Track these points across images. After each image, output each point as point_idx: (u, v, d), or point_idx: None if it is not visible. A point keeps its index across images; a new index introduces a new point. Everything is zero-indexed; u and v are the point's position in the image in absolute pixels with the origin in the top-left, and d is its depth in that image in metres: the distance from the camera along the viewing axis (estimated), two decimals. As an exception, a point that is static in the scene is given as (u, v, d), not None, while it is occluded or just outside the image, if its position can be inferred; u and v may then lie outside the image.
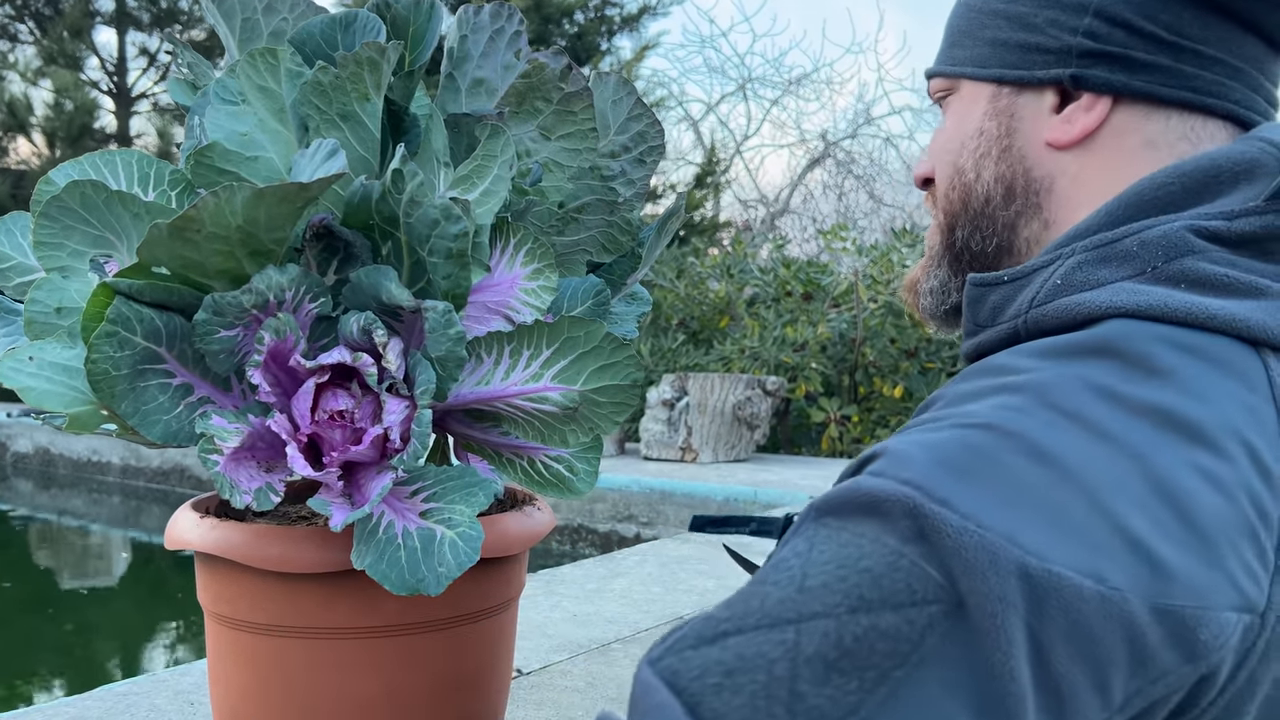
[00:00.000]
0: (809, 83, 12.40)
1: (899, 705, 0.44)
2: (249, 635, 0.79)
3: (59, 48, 9.47)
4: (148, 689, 1.35)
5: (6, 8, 9.85)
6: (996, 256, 0.75)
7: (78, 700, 1.31)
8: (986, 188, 0.73)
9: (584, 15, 10.95)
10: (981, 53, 0.73)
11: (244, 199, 0.61)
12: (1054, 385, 0.52)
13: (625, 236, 0.93)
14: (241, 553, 0.76)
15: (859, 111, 12.23)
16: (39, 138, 9.36)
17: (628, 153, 0.91)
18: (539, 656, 1.62)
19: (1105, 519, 0.47)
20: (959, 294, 0.77)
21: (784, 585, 0.48)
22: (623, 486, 4.31)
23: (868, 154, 12.35)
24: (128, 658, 3.63)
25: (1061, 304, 0.60)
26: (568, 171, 0.87)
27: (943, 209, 0.77)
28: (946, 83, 0.76)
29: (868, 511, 0.49)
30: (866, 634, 0.45)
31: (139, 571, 4.63)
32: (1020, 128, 0.72)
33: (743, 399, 4.97)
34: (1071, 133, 0.69)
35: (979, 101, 0.73)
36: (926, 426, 0.53)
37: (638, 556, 2.44)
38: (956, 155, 0.75)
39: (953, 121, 0.76)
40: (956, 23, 0.76)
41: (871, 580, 0.46)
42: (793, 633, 0.46)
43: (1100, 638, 0.45)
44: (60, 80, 9.08)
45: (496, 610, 0.83)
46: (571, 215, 0.90)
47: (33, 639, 3.69)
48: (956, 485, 0.48)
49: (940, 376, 5.41)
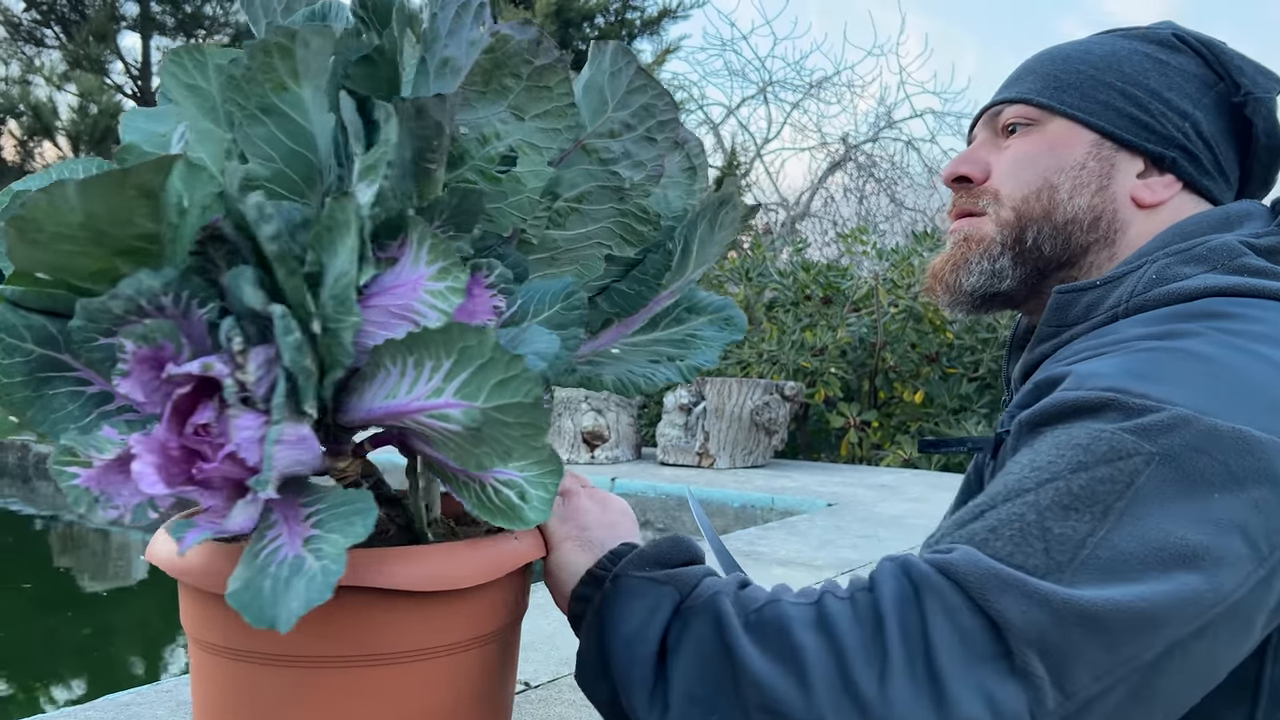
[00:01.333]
0: (830, 86, 12.34)
1: (1124, 523, 0.61)
2: (220, 660, 0.75)
3: (84, 52, 9.56)
4: (151, 699, 1.34)
5: (33, 12, 9.95)
6: (1058, 266, 0.93)
7: (79, 710, 1.30)
8: (1077, 210, 0.92)
9: (604, 19, 10.97)
10: (1093, 107, 0.92)
11: (76, 193, 0.56)
12: (1186, 330, 0.73)
13: (645, 226, 0.84)
14: (196, 575, 0.72)
15: (880, 115, 12.17)
16: (64, 141, 9.45)
17: (630, 131, 0.81)
18: (548, 669, 1.59)
19: (1265, 396, 0.66)
20: (1011, 283, 0.94)
21: (1018, 473, 0.66)
22: (639, 492, 4.28)
23: (889, 157, 12.29)
24: (145, 661, 3.64)
25: (1160, 291, 0.81)
26: (546, 154, 0.78)
27: (1015, 208, 0.93)
28: (1037, 113, 0.94)
29: (1075, 413, 0.68)
30: (1089, 483, 0.63)
31: (158, 574, 4.65)
32: (1117, 177, 0.92)
33: (760, 404, 4.93)
34: (1152, 198, 0.91)
35: (1079, 141, 0.92)
36: (1092, 359, 0.74)
37: (651, 565, 2.41)
38: (1050, 173, 0.92)
39: (1039, 145, 0.93)
40: (1059, 74, 0.94)
41: (1084, 450, 0.64)
42: (1032, 495, 0.64)
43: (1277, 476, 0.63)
44: (85, 84, 9.16)
45: (489, 639, 0.79)
46: (571, 205, 0.82)
47: (52, 641, 3.71)
48: (1147, 384, 0.67)
49: (961, 382, 5.35)
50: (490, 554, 0.78)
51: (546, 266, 0.84)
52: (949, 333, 5.54)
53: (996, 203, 0.95)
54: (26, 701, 3.18)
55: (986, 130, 0.99)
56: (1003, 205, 0.94)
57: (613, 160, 0.82)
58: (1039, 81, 0.95)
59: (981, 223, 0.95)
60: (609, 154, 0.81)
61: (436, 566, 0.75)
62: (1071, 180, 0.92)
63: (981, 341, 5.51)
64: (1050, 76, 0.94)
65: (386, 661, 0.74)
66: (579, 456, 5.01)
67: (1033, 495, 0.64)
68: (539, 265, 0.84)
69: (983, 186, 0.96)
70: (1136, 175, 0.92)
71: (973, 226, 0.96)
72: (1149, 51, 0.93)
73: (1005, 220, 0.94)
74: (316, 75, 0.69)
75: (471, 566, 0.77)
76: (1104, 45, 0.95)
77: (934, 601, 0.61)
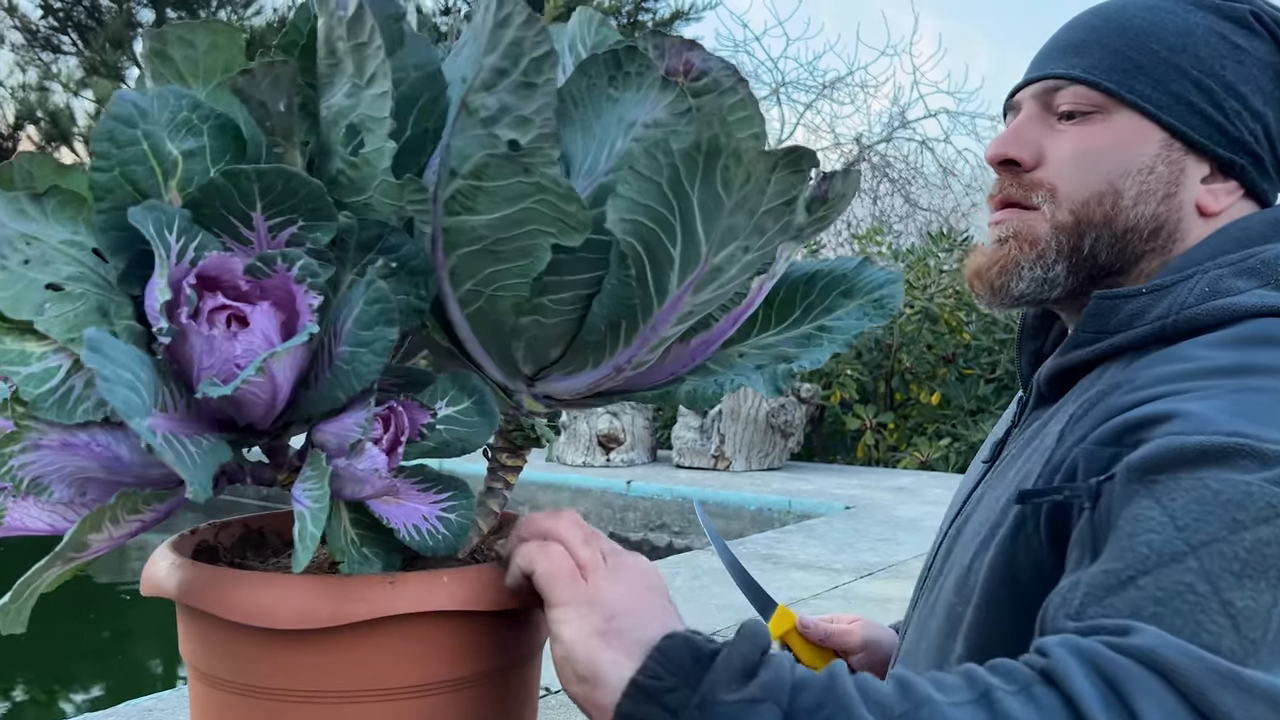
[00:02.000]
0: (843, 86, 12.33)
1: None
2: (227, 694, 0.73)
3: (100, 58, 9.64)
4: (172, 704, 1.34)
5: (50, 19, 10.04)
6: (1108, 274, 0.86)
7: (102, 716, 1.31)
8: (1139, 219, 0.83)
9: (617, 21, 10.98)
10: (1166, 100, 0.82)
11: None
12: (1266, 365, 0.68)
13: (569, 204, 0.65)
14: (209, 600, 0.70)
15: (894, 115, 12.14)
16: (81, 147, 9.53)
17: (504, 77, 0.63)
18: (568, 673, 1.59)
19: None
20: (1061, 291, 0.86)
21: (1159, 532, 0.59)
22: (655, 495, 4.27)
23: (903, 157, 12.25)
24: (165, 664, 3.65)
25: (1213, 307, 0.75)
26: (384, 126, 0.64)
27: (1074, 212, 0.84)
28: (1103, 99, 0.83)
29: (1201, 460, 0.61)
30: (1254, 545, 0.57)
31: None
32: (1185, 183, 0.83)
33: (776, 406, 4.92)
34: (1216, 206, 0.84)
35: (1149, 140, 0.83)
36: (1189, 396, 0.67)
37: (669, 569, 2.41)
38: (1116, 175, 0.83)
39: (1105, 140, 0.83)
40: (1128, 53, 0.83)
41: (1236, 506, 0.58)
42: (1194, 561, 0.57)
43: None
44: (102, 90, 9.24)
45: (522, 663, 0.77)
46: (472, 184, 0.66)
47: (74, 643, 3.73)
48: (1270, 429, 0.62)
49: (978, 383, 5.32)
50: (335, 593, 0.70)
51: (490, 262, 0.71)
52: (965, 334, 5.51)
53: (1053, 201, 0.85)
54: (47, 704, 3.20)
55: (1036, 105, 0.88)
56: (1059, 205, 0.84)
57: (490, 119, 0.65)
58: (1105, 58, 0.84)
59: (1033, 220, 0.86)
60: (486, 111, 0.64)
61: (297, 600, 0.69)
62: (1138, 185, 0.83)
63: (999, 343, 5.48)
64: (1118, 55, 0.83)
65: (442, 690, 0.72)
66: (594, 459, 5.01)
67: (1194, 561, 0.57)
68: (479, 259, 0.71)
69: (1035, 176, 0.86)
70: (1201, 180, 0.84)
71: (1023, 223, 0.86)
72: (1226, 33, 0.83)
73: (1062, 224, 0.84)
74: None
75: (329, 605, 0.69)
76: (1176, 18, 0.84)
77: (1147, 701, 0.51)
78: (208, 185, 0.65)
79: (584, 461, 4.97)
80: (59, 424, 0.67)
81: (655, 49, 0.69)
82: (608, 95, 0.68)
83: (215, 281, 0.68)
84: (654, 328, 0.73)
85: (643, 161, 0.64)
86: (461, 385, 0.77)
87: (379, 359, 0.67)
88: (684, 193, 0.65)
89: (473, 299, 0.74)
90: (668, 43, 0.69)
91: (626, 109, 0.68)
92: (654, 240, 0.68)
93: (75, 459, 0.69)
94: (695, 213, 0.65)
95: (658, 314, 0.72)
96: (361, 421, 0.69)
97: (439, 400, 0.77)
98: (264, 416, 0.73)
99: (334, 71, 0.67)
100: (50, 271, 0.64)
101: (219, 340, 0.66)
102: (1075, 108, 0.84)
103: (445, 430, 0.77)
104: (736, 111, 0.69)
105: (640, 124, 0.68)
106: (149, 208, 0.64)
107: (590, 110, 0.69)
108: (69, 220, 0.65)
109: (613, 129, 0.69)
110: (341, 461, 0.70)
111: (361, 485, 0.71)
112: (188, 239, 0.66)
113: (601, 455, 5.04)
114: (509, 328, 0.75)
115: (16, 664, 3.46)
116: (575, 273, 0.72)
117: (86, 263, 0.66)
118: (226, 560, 0.85)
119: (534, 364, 0.78)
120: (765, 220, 0.66)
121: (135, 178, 0.65)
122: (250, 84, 0.65)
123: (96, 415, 0.67)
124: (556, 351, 0.79)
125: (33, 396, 0.65)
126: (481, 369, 0.79)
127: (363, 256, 0.72)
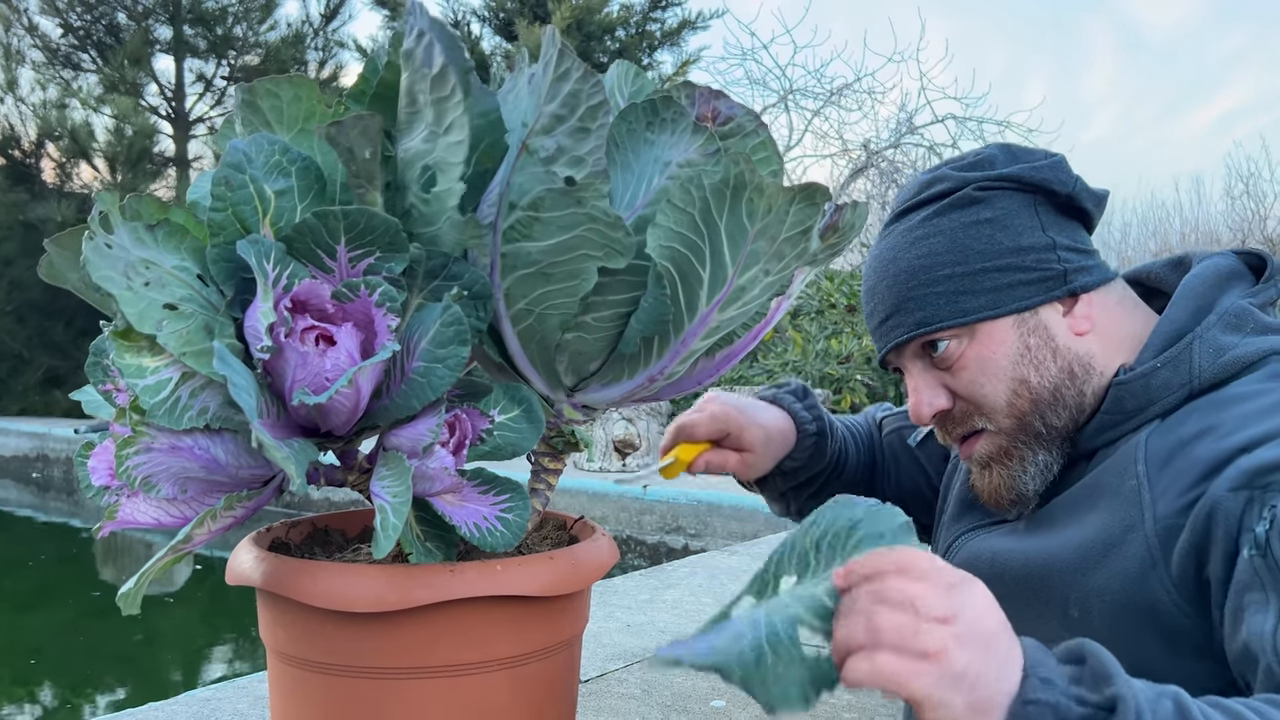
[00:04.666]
0: (851, 92, 12.38)
1: None
2: (306, 673, 0.80)
3: (120, 75, 9.77)
4: (230, 695, 1.42)
5: (70, 37, 10.18)
6: (1072, 419, 0.98)
7: (165, 705, 1.39)
8: (1053, 380, 0.97)
9: (625, 32, 11.06)
10: (989, 300, 0.97)
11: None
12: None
13: (615, 231, 0.75)
14: (291, 587, 0.78)
15: (901, 120, 12.19)
16: (101, 163, 9.65)
17: (561, 123, 0.73)
18: (595, 665, 1.67)
19: None
20: (1062, 454, 0.98)
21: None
22: (670, 499, 4.35)
23: (911, 163, 12.29)
24: (196, 666, 3.74)
25: (1226, 361, 0.90)
26: (455, 170, 0.74)
27: (1008, 415, 0.98)
28: (955, 331, 0.98)
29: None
30: None
31: (200, 579, 4.76)
32: (1054, 332, 0.98)
33: (789, 411, 4.98)
34: (1088, 323, 0.98)
35: (1006, 331, 0.98)
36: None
37: (687, 569, 2.49)
38: (1009, 371, 0.97)
39: (981, 355, 0.98)
40: (934, 293, 0.99)
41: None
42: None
43: None
44: (121, 107, 9.36)
45: (566, 644, 0.84)
46: (530, 215, 0.76)
47: (105, 648, 3.82)
48: None
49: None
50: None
51: (543, 283, 0.81)
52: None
53: (986, 418, 1.00)
54: (75, 706, 3.28)
55: (916, 361, 1.03)
56: (994, 418, 0.99)
57: (549, 159, 0.74)
58: (924, 306, 0.99)
59: (992, 440, 1.00)
60: (545, 152, 0.74)
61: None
62: (1030, 363, 0.97)
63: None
64: (929, 299, 0.99)
65: (499, 667, 0.80)
66: (610, 465, 5.09)
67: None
68: (532, 281, 0.81)
69: (960, 411, 1.01)
70: (1063, 316, 0.98)
71: (988, 447, 1.00)
72: (973, 220, 0.98)
73: (1009, 429, 0.99)
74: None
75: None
76: (934, 240, 0.99)
77: None
78: (300, 223, 0.74)
79: (600, 467, 5.05)
80: (168, 429, 0.76)
81: (687, 97, 0.78)
82: (645, 138, 0.78)
83: (305, 305, 0.77)
84: (684, 341, 0.83)
85: (678, 195, 0.74)
86: (512, 396, 0.86)
87: (452, 373, 0.76)
88: (713, 222, 0.74)
89: (524, 317, 0.83)
90: (698, 91, 0.79)
91: (662, 150, 0.78)
92: (686, 263, 0.77)
93: (180, 460, 0.78)
94: (723, 239, 0.75)
95: (688, 329, 0.82)
96: (433, 427, 0.78)
97: (494, 409, 0.86)
98: (344, 423, 0.82)
99: (413, 119, 0.76)
100: (166, 293, 0.73)
101: (311, 356, 0.75)
102: (926, 349, 1.01)
103: (499, 436, 0.86)
104: (758, 152, 0.79)
105: (675, 164, 0.77)
106: (252, 241, 0.74)
107: (630, 151, 0.78)
108: (175, 249, 0.75)
109: (650, 168, 0.79)
110: (414, 462, 0.79)
111: (432, 482, 0.80)
112: (282, 268, 0.76)
113: (618, 460, 5.12)
114: (554, 343, 0.84)
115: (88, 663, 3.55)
116: (616, 293, 0.82)
117: (193, 286, 0.76)
118: (297, 554, 0.93)
119: (574, 376, 0.87)
120: (784, 246, 0.76)
121: (243, 216, 0.75)
122: (340, 133, 0.74)
123: (199, 422, 0.77)
124: (595, 364, 0.88)
125: (149, 405, 0.74)
126: (528, 381, 0.88)
127: (429, 283, 0.81)
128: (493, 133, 0.75)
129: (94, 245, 0.69)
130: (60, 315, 9.22)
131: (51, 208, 8.88)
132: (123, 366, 0.73)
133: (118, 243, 0.70)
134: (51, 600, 4.66)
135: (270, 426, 0.77)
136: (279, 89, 0.80)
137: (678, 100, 0.77)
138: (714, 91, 0.77)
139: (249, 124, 0.81)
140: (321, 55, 10.79)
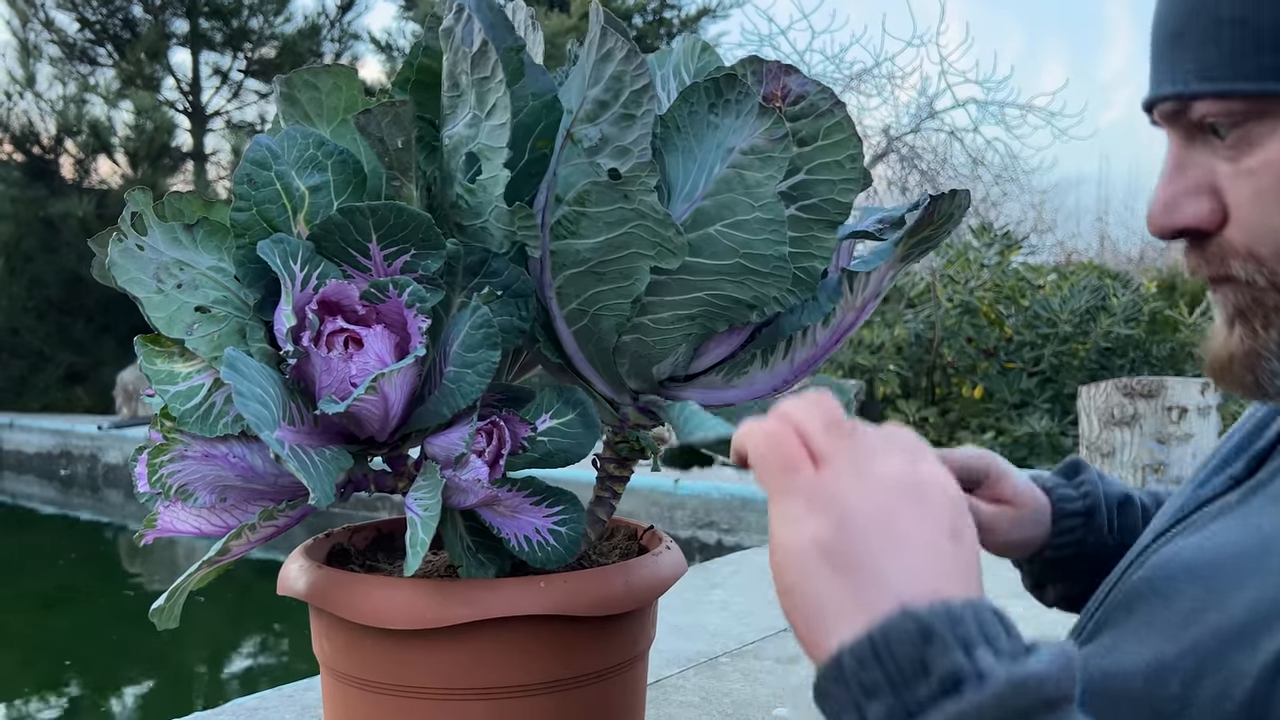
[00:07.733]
0: (870, 78, 12.25)
1: None
2: (350, 688, 0.77)
3: (137, 70, 9.78)
4: (276, 704, 1.38)
5: (86, 32, 10.20)
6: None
7: (210, 716, 1.35)
8: None
9: (642, 19, 10.98)
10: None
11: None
12: None
13: (667, 229, 0.68)
14: (331, 601, 0.74)
15: (921, 105, 12.05)
16: (121, 157, 9.67)
17: (605, 110, 0.66)
18: (650, 671, 1.62)
19: None
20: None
21: None
22: (703, 493, 4.30)
23: (932, 148, 12.16)
24: (223, 668, 3.73)
25: None
26: (499, 155, 0.67)
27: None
28: (1243, 105, 0.57)
29: None
30: None
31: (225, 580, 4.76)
32: None
33: (816, 402, 4.93)
34: None
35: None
36: None
37: (731, 566, 2.44)
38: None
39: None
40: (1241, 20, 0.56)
41: None
42: None
43: None
44: (140, 101, 9.37)
45: (623, 668, 0.79)
46: (576, 210, 0.69)
47: (131, 649, 3.81)
48: None
49: (1021, 376, 5.30)
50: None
51: (594, 283, 0.75)
52: (1007, 328, 5.49)
53: (1259, 268, 0.60)
54: (103, 708, 3.27)
55: (1178, 133, 0.62)
56: (1267, 264, 0.59)
57: (594, 149, 0.68)
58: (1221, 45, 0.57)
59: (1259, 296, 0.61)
60: (589, 142, 0.67)
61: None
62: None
63: (1042, 337, 5.46)
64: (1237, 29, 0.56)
65: (553, 689, 0.76)
66: (636, 457, 5.05)
67: None
68: (583, 280, 0.75)
69: (1222, 242, 0.61)
70: None
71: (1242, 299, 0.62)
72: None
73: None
74: None
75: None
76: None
77: None
78: (327, 221, 0.69)
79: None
80: (201, 437, 0.72)
81: (753, 74, 0.72)
82: (708, 121, 0.72)
83: (336, 306, 0.72)
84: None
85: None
86: (566, 399, 0.81)
87: (482, 379, 0.71)
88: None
89: (578, 317, 0.78)
90: (766, 67, 0.72)
91: (725, 135, 0.71)
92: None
93: (215, 468, 0.73)
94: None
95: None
96: (465, 436, 0.73)
97: (543, 413, 0.80)
98: (380, 430, 0.77)
99: (457, 103, 0.71)
100: (199, 295, 0.69)
101: (335, 362, 0.70)
102: (1219, 122, 0.58)
103: (549, 442, 0.81)
104: (834, 134, 0.72)
105: (738, 150, 0.71)
106: (276, 241, 0.69)
107: (692, 136, 0.72)
108: (215, 249, 0.70)
109: (712, 154, 0.73)
110: (448, 472, 0.74)
111: (466, 495, 0.75)
112: (311, 268, 0.71)
113: (643, 454, 5.08)
114: (612, 345, 0.79)
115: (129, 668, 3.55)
116: (673, 294, 0.76)
117: (230, 287, 0.71)
118: (359, 562, 0.89)
119: (639, 379, 0.81)
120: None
121: (269, 215, 0.70)
122: (370, 123, 0.69)
123: (234, 429, 0.72)
124: (672, 366, 0.82)
125: (179, 412, 0.70)
126: (590, 384, 0.82)
127: (470, 280, 0.76)
128: (549, 114, 0.70)
129: (123, 247, 0.64)
130: (80, 312, 9.24)
131: (71, 203, 8.89)
132: (151, 373, 0.69)
133: (150, 244, 0.67)
134: (78, 599, 4.67)
135: (304, 435, 0.72)
136: (318, 80, 0.75)
137: (743, 78, 0.71)
138: (785, 67, 0.71)
139: (289, 117, 0.76)
140: (338, 47, 10.76)
